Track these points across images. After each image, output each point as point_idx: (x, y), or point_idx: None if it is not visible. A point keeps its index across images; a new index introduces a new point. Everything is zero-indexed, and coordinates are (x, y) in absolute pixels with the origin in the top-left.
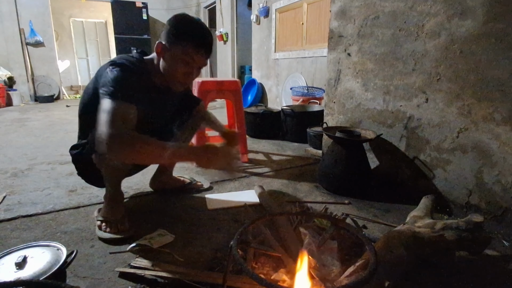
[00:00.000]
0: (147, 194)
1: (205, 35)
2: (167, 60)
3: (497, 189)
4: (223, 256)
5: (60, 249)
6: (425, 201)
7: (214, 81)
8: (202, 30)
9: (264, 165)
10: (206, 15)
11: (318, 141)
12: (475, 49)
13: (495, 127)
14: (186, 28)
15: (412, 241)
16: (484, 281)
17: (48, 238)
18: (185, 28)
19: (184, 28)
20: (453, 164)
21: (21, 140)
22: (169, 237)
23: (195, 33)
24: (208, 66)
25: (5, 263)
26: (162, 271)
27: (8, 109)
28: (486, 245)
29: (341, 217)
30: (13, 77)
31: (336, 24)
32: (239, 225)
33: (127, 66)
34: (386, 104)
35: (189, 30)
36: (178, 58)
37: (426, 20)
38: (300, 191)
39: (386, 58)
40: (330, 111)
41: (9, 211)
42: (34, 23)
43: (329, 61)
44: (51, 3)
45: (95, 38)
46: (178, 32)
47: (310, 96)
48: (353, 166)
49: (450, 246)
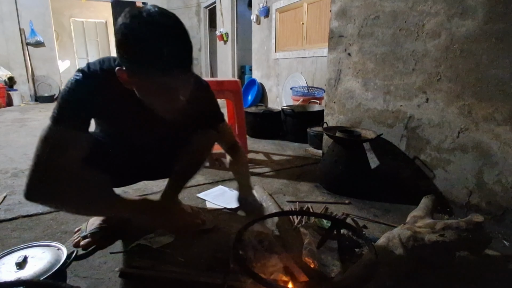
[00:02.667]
0: (147, 195)
1: (175, 44)
2: (137, 90)
3: (498, 189)
4: (223, 256)
5: (60, 249)
6: (426, 201)
7: (214, 81)
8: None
9: (264, 165)
10: (206, 15)
11: (318, 141)
12: (476, 49)
13: (495, 127)
14: (143, 45)
15: (412, 241)
16: (485, 281)
17: (49, 238)
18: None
19: (141, 46)
20: (454, 164)
21: (21, 140)
22: (169, 237)
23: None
24: (208, 66)
25: (6, 263)
26: (162, 271)
27: (9, 109)
28: (487, 245)
29: (342, 217)
30: (13, 77)
31: (337, 24)
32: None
33: (91, 74)
34: (387, 104)
35: (148, 48)
36: (149, 89)
37: (426, 20)
38: (300, 191)
39: (386, 58)
40: (331, 111)
41: (9, 211)
42: (34, 23)
43: (329, 61)
44: (52, 3)
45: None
46: (135, 56)
47: (311, 96)
48: (354, 166)
49: (450, 246)
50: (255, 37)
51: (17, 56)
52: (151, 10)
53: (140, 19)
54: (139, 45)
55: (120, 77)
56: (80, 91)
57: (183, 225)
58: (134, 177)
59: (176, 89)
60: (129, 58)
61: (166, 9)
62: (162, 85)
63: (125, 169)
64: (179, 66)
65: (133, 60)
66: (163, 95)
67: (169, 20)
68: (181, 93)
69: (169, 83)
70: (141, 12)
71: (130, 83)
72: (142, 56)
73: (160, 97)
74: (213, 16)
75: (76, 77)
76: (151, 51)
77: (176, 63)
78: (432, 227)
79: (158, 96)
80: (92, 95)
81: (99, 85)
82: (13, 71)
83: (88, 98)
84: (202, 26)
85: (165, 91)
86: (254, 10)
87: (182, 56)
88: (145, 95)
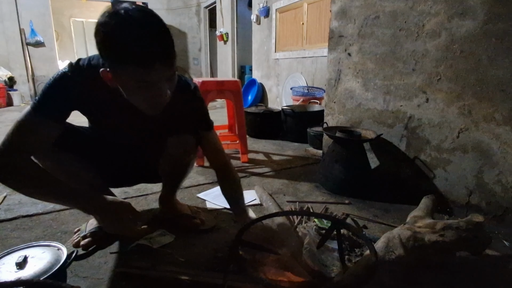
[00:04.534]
0: (147, 195)
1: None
2: (122, 88)
3: (498, 189)
4: (223, 256)
5: (60, 249)
6: (426, 201)
7: (214, 81)
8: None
9: (264, 165)
10: (206, 15)
11: (318, 141)
12: (476, 49)
13: (495, 127)
14: (122, 42)
15: (412, 241)
16: (485, 281)
17: (49, 238)
18: (121, 43)
19: (120, 44)
20: (454, 164)
21: None
22: (169, 237)
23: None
24: (208, 66)
25: (6, 263)
26: (162, 271)
27: (9, 109)
28: (487, 245)
29: (342, 217)
30: (13, 77)
31: (336, 24)
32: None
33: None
34: (387, 104)
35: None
36: (132, 86)
37: (426, 20)
38: (300, 191)
39: (386, 58)
40: (331, 111)
41: (9, 211)
42: (34, 23)
43: (329, 61)
44: (52, 3)
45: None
46: (115, 55)
47: (311, 96)
48: (354, 166)
49: (450, 246)
50: (255, 37)
51: (17, 56)
52: (129, 7)
53: (117, 17)
54: (118, 42)
55: (104, 78)
56: (63, 84)
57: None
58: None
59: (158, 84)
60: (109, 56)
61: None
62: (144, 80)
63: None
64: (159, 60)
65: (114, 58)
66: (145, 91)
67: (146, 16)
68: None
69: (150, 77)
70: (118, 10)
71: (114, 83)
72: (122, 52)
73: (143, 93)
74: (213, 16)
75: (63, 70)
76: (130, 47)
77: (155, 57)
78: (432, 227)
79: (141, 92)
80: (75, 89)
81: (84, 80)
82: (13, 71)
83: (70, 92)
84: (202, 26)
85: (147, 86)
86: (254, 10)
87: (162, 50)
88: (129, 93)
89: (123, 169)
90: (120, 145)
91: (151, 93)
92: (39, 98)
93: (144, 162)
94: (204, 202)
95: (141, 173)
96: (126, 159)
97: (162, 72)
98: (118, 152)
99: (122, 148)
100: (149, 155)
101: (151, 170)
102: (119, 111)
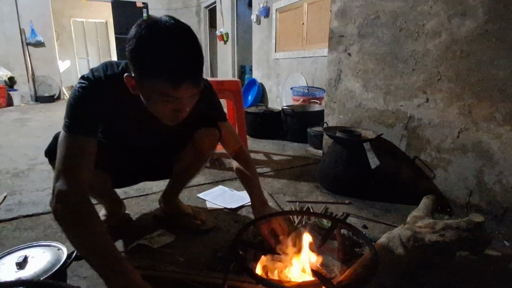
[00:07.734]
0: (147, 195)
1: (187, 58)
2: (144, 98)
3: (498, 189)
4: (224, 256)
5: (61, 249)
6: (426, 201)
7: (214, 81)
8: (181, 51)
9: (265, 165)
10: (206, 15)
11: (318, 141)
12: (476, 49)
13: (495, 127)
14: (156, 55)
15: (412, 241)
16: (485, 281)
17: (49, 238)
18: (155, 56)
19: (153, 56)
20: (454, 164)
21: (21, 140)
22: (169, 237)
23: (171, 62)
24: (208, 66)
25: (6, 263)
26: (163, 271)
27: (9, 109)
28: (487, 245)
29: (342, 217)
30: (13, 77)
31: (337, 24)
32: (239, 225)
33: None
34: (387, 104)
35: (161, 59)
36: (156, 99)
37: (426, 20)
38: (300, 191)
39: (386, 58)
40: (331, 111)
41: (10, 211)
42: (34, 23)
43: (329, 61)
44: (52, 3)
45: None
46: (146, 65)
47: (311, 96)
48: (354, 166)
49: (450, 246)
50: (255, 37)
51: (17, 56)
52: (168, 22)
53: (155, 29)
54: (151, 54)
55: (127, 83)
56: (88, 98)
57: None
58: (136, 178)
59: (181, 100)
60: (139, 65)
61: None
62: (169, 95)
63: (126, 170)
64: (188, 80)
65: (144, 68)
66: (167, 104)
67: (183, 33)
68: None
69: (176, 94)
70: (157, 23)
71: (136, 90)
72: (153, 65)
73: (164, 106)
74: (213, 16)
75: (82, 84)
76: (163, 62)
77: (186, 76)
78: (432, 227)
79: (162, 105)
80: (98, 102)
81: (104, 92)
82: (13, 71)
83: (95, 105)
84: (202, 26)
85: (170, 101)
86: (254, 10)
87: (193, 70)
88: (150, 103)
89: (134, 170)
90: (134, 148)
91: (173, 107)
92: (70, 118)
93: (158, 161)
94: (204, 202)
95: (152, 172)
96: (138, 161)
97: (188, 90)
98: (131, 154)
99: (136, 150)
100: (166, 154)
101: (164, 168)
102: (138, 116)
